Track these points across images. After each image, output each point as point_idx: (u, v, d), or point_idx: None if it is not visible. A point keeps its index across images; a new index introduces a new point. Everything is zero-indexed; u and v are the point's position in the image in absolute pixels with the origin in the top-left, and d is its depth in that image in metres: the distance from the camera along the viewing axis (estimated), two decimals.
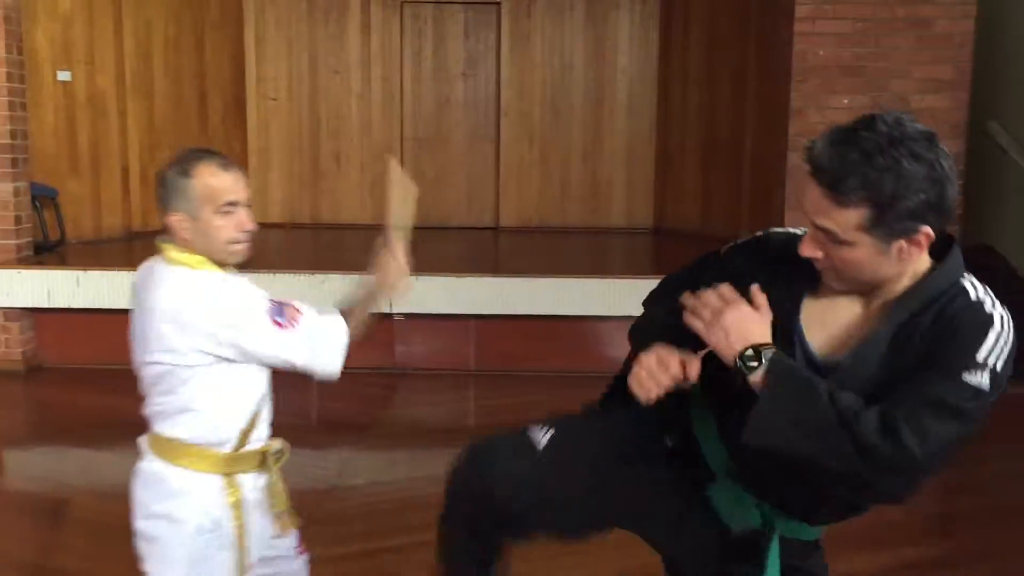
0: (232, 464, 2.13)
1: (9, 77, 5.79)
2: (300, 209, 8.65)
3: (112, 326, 5.92)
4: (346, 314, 2.22)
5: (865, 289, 1.59)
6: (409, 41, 8.68)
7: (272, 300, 2.08)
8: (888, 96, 5.70)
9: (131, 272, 2.29)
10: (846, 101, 5.72)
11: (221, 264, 2.10)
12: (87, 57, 6.91)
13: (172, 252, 2.09)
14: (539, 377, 5.80)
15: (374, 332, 2.24)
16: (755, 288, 1.60)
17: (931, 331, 1.52)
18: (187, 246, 2.06)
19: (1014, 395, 5.61)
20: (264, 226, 8.40)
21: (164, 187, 2.06)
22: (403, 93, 8.70)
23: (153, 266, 2.12)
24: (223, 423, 2.11)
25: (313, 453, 4.56)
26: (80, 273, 5.75)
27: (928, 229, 1.49)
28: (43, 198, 6.51)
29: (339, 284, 5.74)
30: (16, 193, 5.90)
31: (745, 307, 1.58)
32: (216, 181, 2.04)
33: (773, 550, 1.73)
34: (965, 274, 1.58)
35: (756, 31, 7.22)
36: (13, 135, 5.85)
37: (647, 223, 8.62)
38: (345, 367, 2.43)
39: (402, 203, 2.38)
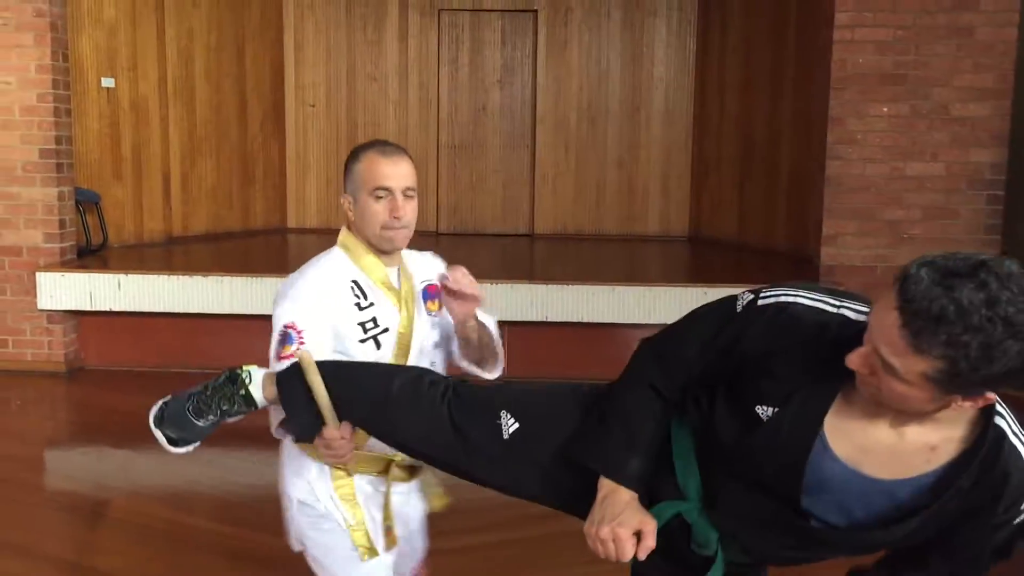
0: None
1: (55, 84, 5.91)
2: (336, 214, 8.71)
3: (152, 329, 6.03)
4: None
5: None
6: (446, 48, 8.73)
7: (295, 329, 2.07)
8: (929, 104, 5.63)
9: (171, 276, 2.33)
10: (885, 109, 5.67)
11: (379, 250, 2.16)
12: (130, 64, 7.03)
13: (343, 235, 2.21)
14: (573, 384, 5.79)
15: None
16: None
17: (979, 495, 1.45)
18: (354, 228, 2.17)
19: None
20: (302, 231, 8.52)
21: (345, 170, 2.19)
22: (440, 100, 8.75)
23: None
24: None
25: None
26: (122, 276, 5.84)
27: (993, 395, 1.37)
28: (86, 203, 6.62)
29: None
30: (60, 198, 6.01)
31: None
32: (373, 166, 2.13)
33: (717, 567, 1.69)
34: (1009, 431, 1.46)
35: (794, 39, 7.18)
36: (58, 141, 5.96)
37: (683, 231, 8.58)
38: None
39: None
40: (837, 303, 1.52)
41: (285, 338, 2.08)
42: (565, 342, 5.93)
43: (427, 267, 2.32)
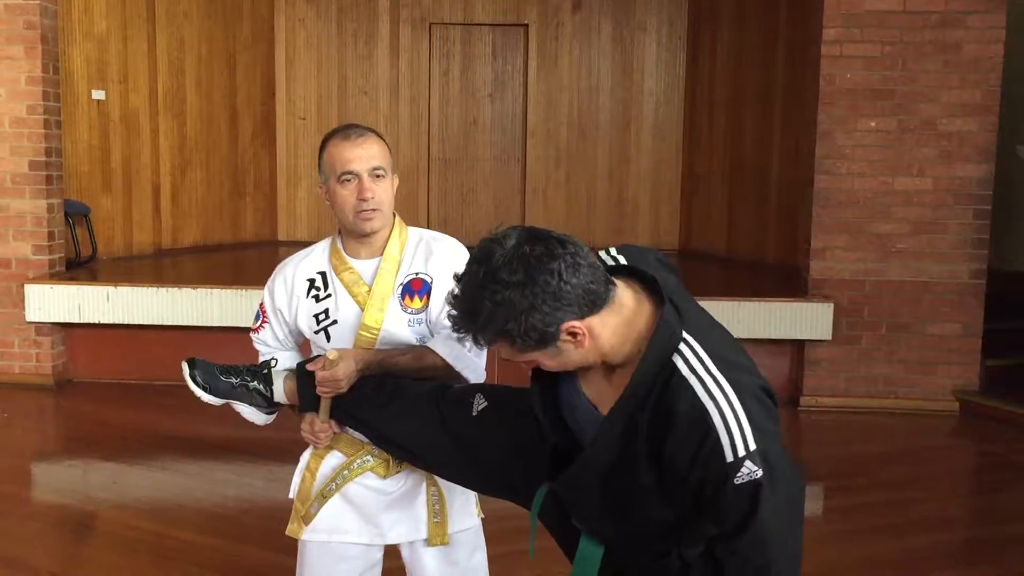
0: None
1: (45, 96, 5.91)
2: (327, 227, 8.69)
3: (141, 342, 6.01)
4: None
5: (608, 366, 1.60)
6: (437, 62, 8.75)
7: (261, 307, 2.29)
8: (916, 119, 5.68)
9: (160, 288, 2.41)
10: (873, 124, 5.71)
11: (358, 236, 2.15)
12: (121, 76, 7.03)
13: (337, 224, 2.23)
14: None
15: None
16: None
17: (656, 432, 1.50)
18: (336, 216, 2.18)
19: None
20: (293, 244, 8.51)
21: (318, 160, 2.19)
22: (431, 113, 8.77)
23: None
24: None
25: None
26: (111, 289, 5.82)
27: (571, 324, 1.48)
28: (76, 215, 6.61)
29: None
30: (50, 210, 6.00)
31: None
32: (336, 152, 2.12)
33: (581, 555, 1.72)
34: (683, 342, 1.52)
35: (783, 54, 7.23)
36: (48, 152, 5.95)
37: (672, 245, 8.60)
38: None
39: None
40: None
41: (257, 315, 2.31)
42: None
43: (426, 256, 2.19)
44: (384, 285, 2.13)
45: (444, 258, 2.19)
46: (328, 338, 2.16)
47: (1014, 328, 6.21)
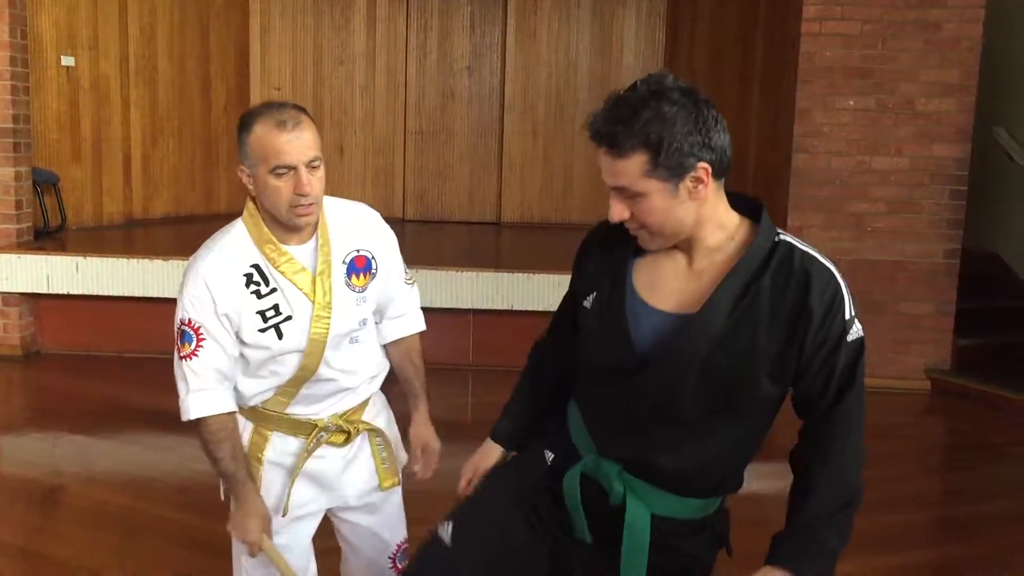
0: (264, 421, 2.11)
1: (12, 61, 5.77)
2: None
3: (111, 313, 5.93)
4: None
5: (676, 241, 1.70)
6: (414, 34, 8.65)
7: (191, 327, 1.96)
8: (894, 98, 5.67)
9: (131, 259, 2.29)
10: (852, 103, 5.70)
11: (288, 227, 1.98)
12: (91, 42, 6.89)
13: (247, 208, 2.05)
14: None
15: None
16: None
17: (787, 294, 1.64)
18: (257, 201, 2.00)
19: (1003, 399, 5.59)
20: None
21: (238, 135, 1.97)
22: (407, 86, 8.68)
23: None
24: (244, 383, 2.07)
25: None
26: (80, 259, 5.73)
27: (705, 165, 1.62)
28: (44, 183, 6.49)
29: None
30: (17, 178, 5.88)
31: None
32: (268, 141, 1.89)
33: (629, 514, 1.76)
34: (782, 234, 1.71)
35: (763, 31, 7.20)
36: (15, 120, 5.83)
37: None
38: None
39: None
40: None
41: (183, 335, 1.97)
42: (530, 331, 5.88)
43: (356, 231, 2.12)
44: (327, 268, 2.03)
45: (378, 231, 2.18)
46: (280, 335, 1.99)
47: (986, 307, 6.26)
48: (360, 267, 2.10)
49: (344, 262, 2.07)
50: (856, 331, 1.65)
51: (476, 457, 2.12)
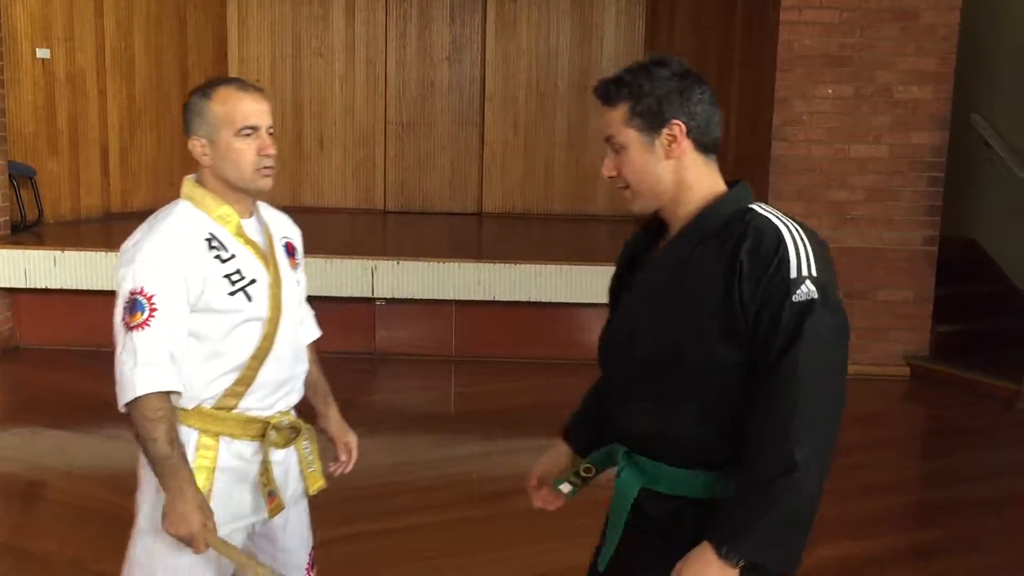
0: (215, 424, 2.01)
1: None
2: (282, 192, 8.57)
3: (90, 307, 5.88)
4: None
5: (658, 205, 1.78)
6: (394, 24, 8.61)
7: (144, 295, 1.90)
8: (872, 86, 5.70)
9: (109, 253, 2.24)
10: (830, 91, 5.72)
11: (246, 194, 2.03)
12: (67, 34, 6.82)
13: (188, 185, 2.06)
14: (520, 364, 5.80)
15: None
16: None
17: (727, 250, 1.65)
18: (210, 179, 2.02)
19: (981, 385, 5.65)
20: None
21: (187, 111, 2.01)
22: (387, 77, 8.64)
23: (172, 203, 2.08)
24: (193, 376, 1.97)
25: None
26: (57, 253, 5.68)
27: (678, 122, 1.71)
28: (21, 177, 6.43)
29: (321, 268, 5.71)
30: None
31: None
32: (234, 104, 1.98)
33: (617, 494, 1.80)
34: (756, 204, 1.73)
35: (742, 19, 7.21)
36: None
37: (630, 211, 8.59)
38: (325, 351, 2.41)
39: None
40: None
41: (133, 305, 1.90)
42: (512, 321, 5.93)
43: (282, 222, 2.21)
44: (271, 244, 2.09)
45: (295, 227, 2.26)
46: (249, 298, 1.99)
47: (964, 294, 6.31)
48: (291, 251, 2.18)
49: (280, 242, 2.14)
50: (805, 292, 1.59)
51: (543, 464, 2.04)
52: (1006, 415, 5.18)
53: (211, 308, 1.96)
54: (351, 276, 5.75)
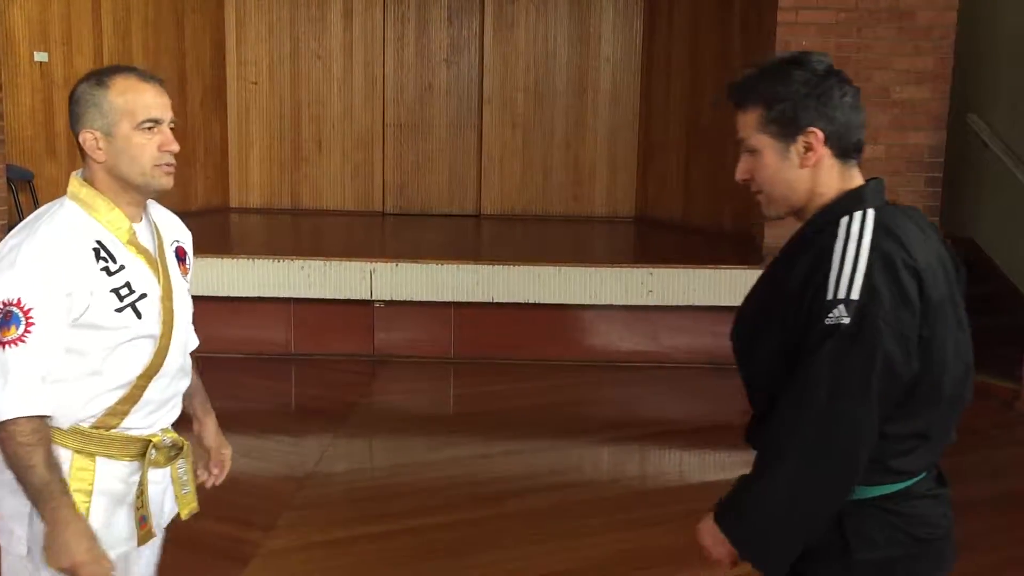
0: (92, 443, 1.85)
1: None
2: (280, 194, 8.58)
3: None
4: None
5: (790, 211, 1.75)
6: (392, 26, 8.61)
7: (20, 307, 1.72)
8: (870, 86, 5.70)
9: None
10: None
11: (142, 193, 1.88)
12: (64, 38, 6.82)
13: (75, 184, 1.88)
14: (519, 365, 5.79)
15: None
16: None
17: (791, 266, 1.66)
18: (101, 175, 1.85)
19: (980, 384, 5.63)
20: (245, 211, 8.37)
21: (76, 102, 1.84)
22: (385, 79, 8.64)
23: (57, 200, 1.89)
24: (73, 393, 1.81)
25: (292, 440, 4.54)
26: None
27: (815, 130, 1.64)
28: (19, 180, 6.43)
29: (319, 270, 5.71)
30: None
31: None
32: (135, 95, 1.83)
33: None
34: (859, 211, 1.63)
35: (740, 20, 7.21)
36: None
37: (629, 212, 8.61)
38: (324, 354, 2.41)
39: None
40: None
41: (8, 317, 1.71)
42: (511, 323, 5.93)
43: (173, 224, 2.06)
44: (162, 251, 1.95)
45: (186, 231, 2.11)
46: (139, 315, 1.84)
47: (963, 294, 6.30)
48: (181, 257, 2.04)
49: (171, 247, 2.00)
50: (836, 316, 1.52)
51: None
52: (1006, 415, 5.18)
53: (95, 324, 1.79)
54: (350, 278, 5.75)
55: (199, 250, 2.21)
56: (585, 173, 8.68)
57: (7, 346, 1.71)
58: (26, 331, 1.71)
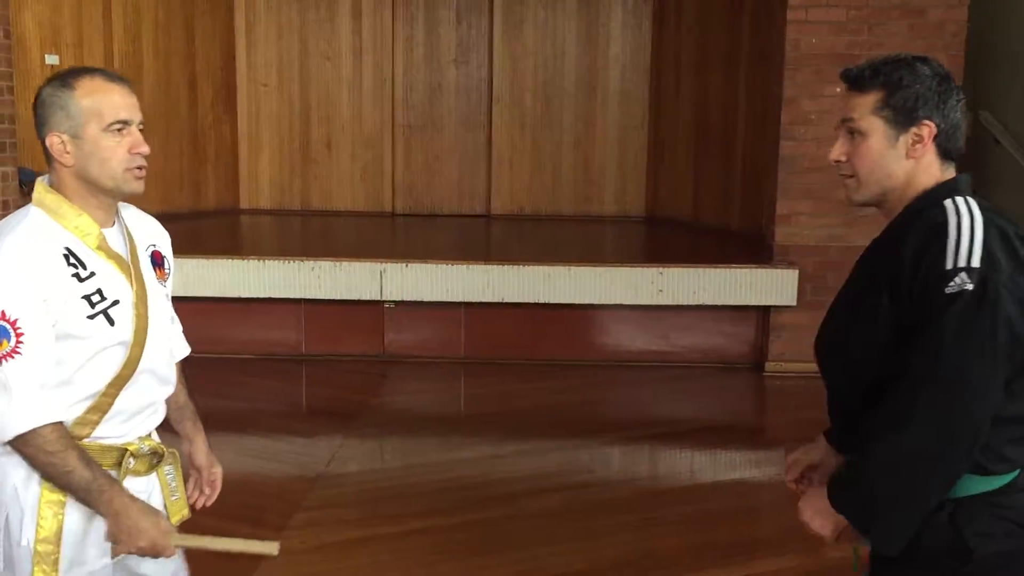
0: None
1: None
2: (290, 195, 8.60)
3: None
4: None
5: (880, 199, 1.76)
6: (401, 27, 8.62)
7: (7, 321, 1.69)
8: None
9: None
10: (838, 90, 5.66)
11: (112, 197, 1.84)
12: (75, 40, 6.85)
13: (40, 189, 1.82)
14: (529, 365, 5.79)
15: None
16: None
17: (896, 245, 1.67)
18: (68, 179, 1.80)
19: None
20: (255, 212, 8.39)
21: (41, 105, 1.79)
22: (395, 80, 8.65)
23: (22, 208, 1.83)
24: (53, 397, 1.77)
25: (303, 441, 4.55)
26: None
27: (930, 124, 1.68)
28: (31, 183, 6.45)
29: (329, 271, 5.72)
30: (3, 178, 5.86)
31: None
32: (103, 96, 1.77)
33: None
34: (955, 197, 1.68)
35: (749, 19, 7.20)
36: (0, 119, 5.80)
37: (639, 211, 8.60)
38: (334, 354, 2.41)
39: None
40: None
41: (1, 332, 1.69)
42: (521, 323, 5.92)
43: (148, 227, 2.02)
44: (136, 255, 1.90)
45: (165, 233, 2.08)
46: (111, 322, 1.80)
47: None
48: (158, 261, 1.99)
49: (146, 252, 1.96)
50: (959, 283, 1.55)
51: (800, 451, 2.08)
52: (1000, 344, 5.12)
53: (68, 334, 1.76)
54: (360, 279, 5.76)
55: (209, 251, 2.22)
56: (595, 173, 8.67)
57: (2, 361, 1.69)
58: (18, 343, 1.69)
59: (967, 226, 1.61)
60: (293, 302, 5.82)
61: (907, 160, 1.70)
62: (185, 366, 2.16)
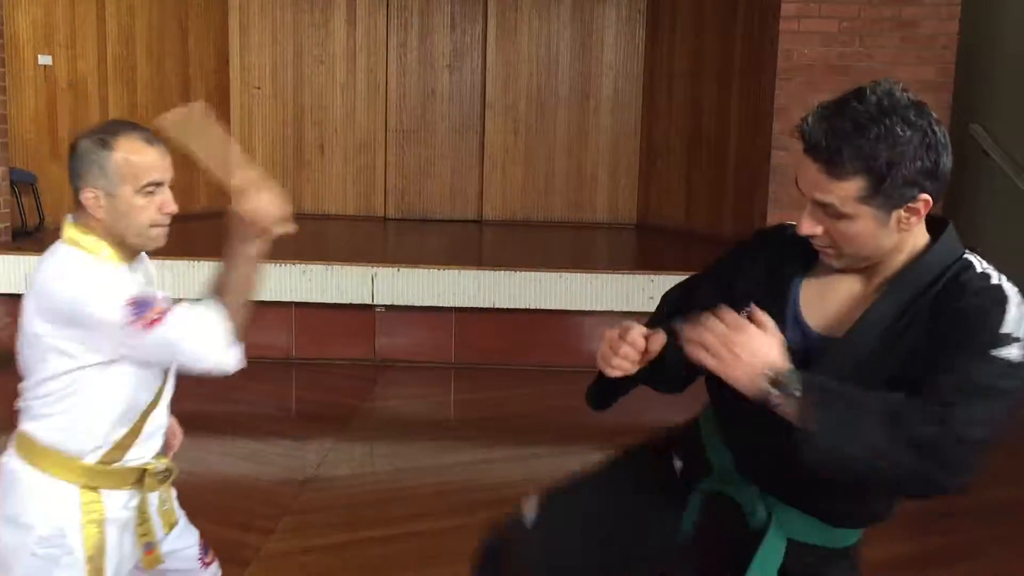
0: (97, 478, 1.91)
1: None
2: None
3: None
4: (223, 295, 1.92)
5: (864, 265, 1.58)
6: (395, 32, 8.64)
7: (134, 297, 1.81)
8: None
9: None
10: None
11: (135, 249, 1.94)
12: (68, 41, 6.84)
13: (71, 231, 1.90)
14: (520, 371, 5.80)
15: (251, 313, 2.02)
16: (754, 308, 1.52)
17: (941, 307, 1.49)
18: (98, 227, 1.88)
19: None
20: None
21: (79, 158, 1.87)
22: (388, 84, 8.66)
23: (54, 247, 1.92)
24: (87, 431, 1.88)
25: (292, 444, 4.54)
26: None
27: (926, 196, 1.49)
28: (22, 183, 6.44)
29: (321, 274, 5.72)
30: None
31: (753, 330, 1.47)
32: (139, 158, 1.87)
33: (765, 546, 1.67)
34: (967, 251, 1.57)
35: (742, 29, 7.24)
36: None
37: (631, 218, 8.62)
38: (325, 358, 2.41)
39: (210, 145, 2.05)
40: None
41: (139, 306, 1.79)
42: (513, 328, 5.93)
43: (145, 264, 2.14)
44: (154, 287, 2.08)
45: (151, 266, 2.18)
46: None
47: None
48: None
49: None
50: (1010, 353, 1.42)
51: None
52: (1007, 420, 5.17)
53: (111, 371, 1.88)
54: (351, 283, 5.76)
55: (201, 254, 2.24)
56: (587, 179, 8.69)
57: (158, 323, 1.78)
58: (158, 305, 1.80)
59: (1020, 298, 1.49)
60: (284, 306, 5.82)
61: (899, 232, 1.52)
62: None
